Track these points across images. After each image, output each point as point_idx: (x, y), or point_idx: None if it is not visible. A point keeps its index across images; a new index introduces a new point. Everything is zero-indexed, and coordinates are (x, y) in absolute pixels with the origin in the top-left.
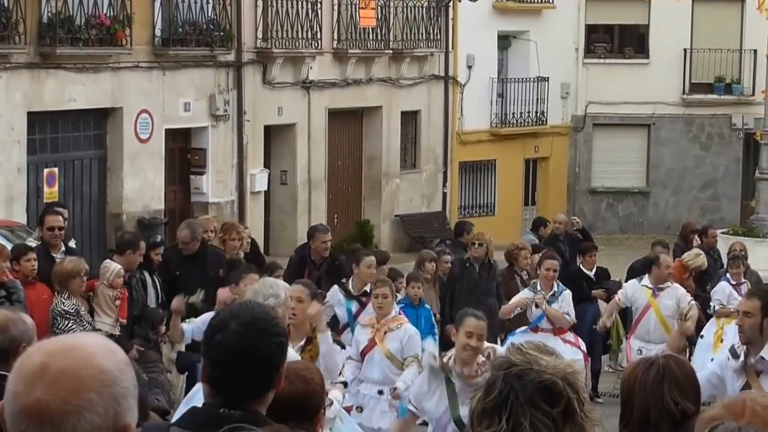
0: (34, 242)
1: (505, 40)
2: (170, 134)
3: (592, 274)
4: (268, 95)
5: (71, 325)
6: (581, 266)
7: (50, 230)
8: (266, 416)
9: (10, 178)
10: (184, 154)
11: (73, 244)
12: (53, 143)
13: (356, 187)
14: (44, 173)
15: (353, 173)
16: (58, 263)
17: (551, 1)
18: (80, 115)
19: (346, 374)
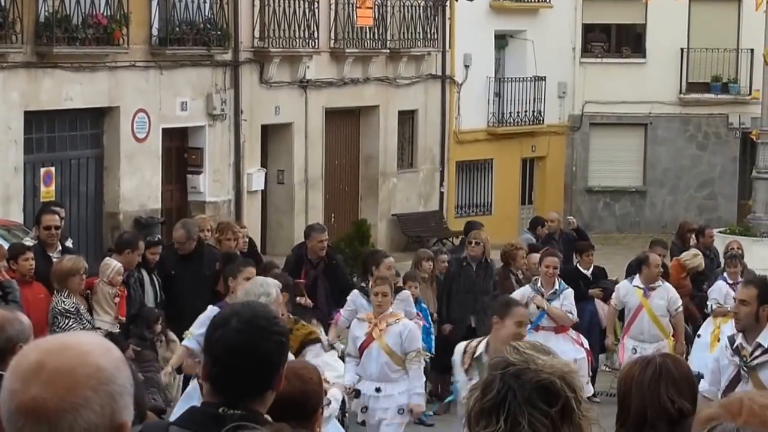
0: (30, 241)
1: (502, 39)
2: (167, 133)
3: (589, 273)
4: (265, 94)
5: (71, 323)
6: (578, 265)
7: (47, 229)
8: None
9: (6, 177)
10: (181, 153)
11: (69, 243)
12: (50, 142)
13: (353, 186)
14: (41, 172)
15: (350, 172)
16: (57, 262)
17: (548, 0)
18: (77, 114)
19: (347, 377)
